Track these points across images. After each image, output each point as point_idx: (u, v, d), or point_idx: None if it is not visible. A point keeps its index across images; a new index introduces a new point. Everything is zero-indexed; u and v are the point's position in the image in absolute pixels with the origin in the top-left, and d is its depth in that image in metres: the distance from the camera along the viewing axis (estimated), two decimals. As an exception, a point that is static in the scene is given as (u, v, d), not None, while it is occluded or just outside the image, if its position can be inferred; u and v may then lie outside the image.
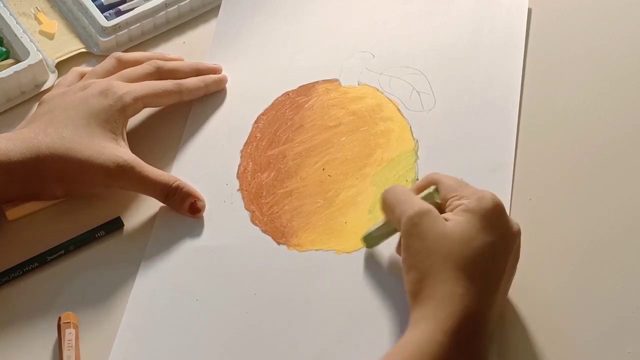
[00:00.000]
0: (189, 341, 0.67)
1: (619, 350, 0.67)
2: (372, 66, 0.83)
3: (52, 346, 0.67)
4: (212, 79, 0.80)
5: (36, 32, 0.85)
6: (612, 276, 0.70)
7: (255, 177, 0.76)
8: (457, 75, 0.82)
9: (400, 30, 0.86)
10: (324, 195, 0.75)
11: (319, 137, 0.78)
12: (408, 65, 0.83)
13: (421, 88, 0.81)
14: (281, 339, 0.67)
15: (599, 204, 0.74)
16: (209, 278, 0.70)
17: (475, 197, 0.65)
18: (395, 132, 0.78)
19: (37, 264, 0.71)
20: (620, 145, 0.78)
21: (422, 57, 0.83)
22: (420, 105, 0.80)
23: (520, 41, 0.84)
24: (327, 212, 0.74)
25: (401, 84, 0.81)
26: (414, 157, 0.77)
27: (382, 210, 0.69)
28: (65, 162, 0.70)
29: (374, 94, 0.81)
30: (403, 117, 0.79)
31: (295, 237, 0.72)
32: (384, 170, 0.76)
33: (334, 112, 0.80)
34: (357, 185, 0.75)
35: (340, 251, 0.71)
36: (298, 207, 0.74)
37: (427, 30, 0.85)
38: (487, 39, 0.84)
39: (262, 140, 0.78)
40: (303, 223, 0.73)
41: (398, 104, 0.80)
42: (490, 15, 0.86)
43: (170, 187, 0.72)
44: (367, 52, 0.84)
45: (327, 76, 0.82)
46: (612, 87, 0.82)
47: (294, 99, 0.81)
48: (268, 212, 0.74)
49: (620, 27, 0.86)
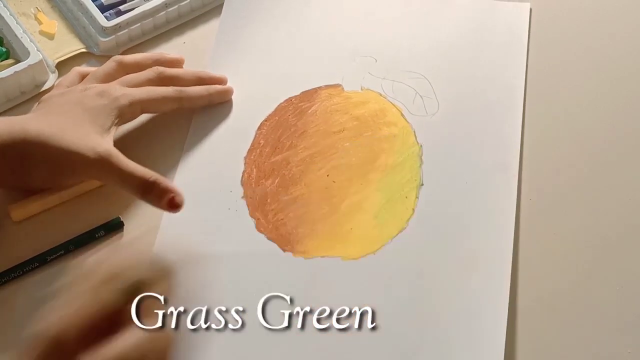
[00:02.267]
0: (199, 350, 0.67)
1: (619, 350, 0.67)
2: (375, 70, 0.82)
3: None
4: (217, 90, 0.80)
5: (36, 32, 0.85)
6: (613, 276, 0.70)
7: (259, 184, 0.76)
8: (459, 77, 0.82)
9: (401, 32, 0.85)
10: (329, 201, 0.74)
11: (323, 142, 0.78)
12: (410, 69, 0.82)
13: (424, 92, 0.81)
14: (290, 347, 0.67)
15: (599, 204, 0.75)
16: (215, 286, 0.70)
17: None
18: (399, 137, 0.78)
19: (37, 264, 0.71)
20: (621, 145, 0.78)
21: (424, 60, 0.83)
22: (424, 109, 0.80)
23: (523, 41, 0.84)
24: (333, 219, 0.73)
25: (404, 89, 0.81)
26: (419, 162, 0.76)
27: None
28: (49, 146, 0.70)
29: (377, 98, 0.81)
30: (407, 122, 0.79)
31: (301, 244, 0.72)
32: (389, 175, 0.76)
33: (337, 118, 0.79)
34: (362, 191, 0.75)
35: (347, 257, 0.71)
36: (303, 213, 0.74)
37: (428, 32, 0.85)
38: (488, 39, 0.84)
39: (266, 147, 0.78)
40: (308, 230, 0.73)
41: (402, 109, 0.80)
42: (491, 15, 0.86)
43: (148, 181, 0.71)
44: (369, 57, 0.83)
45: (329, 81, 0.82)
46: (614, 87, 0.82)
47: (297, 104, 0.81)
48: (273, 219, 0.73)
49: (622, 24, 0.86)
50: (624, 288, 0.70)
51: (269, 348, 0.67)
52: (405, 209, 0.74)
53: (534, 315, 0.68)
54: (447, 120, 0.79)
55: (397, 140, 0.78)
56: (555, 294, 0.69)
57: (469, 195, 0.74)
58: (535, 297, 0.69)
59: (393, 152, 0.77)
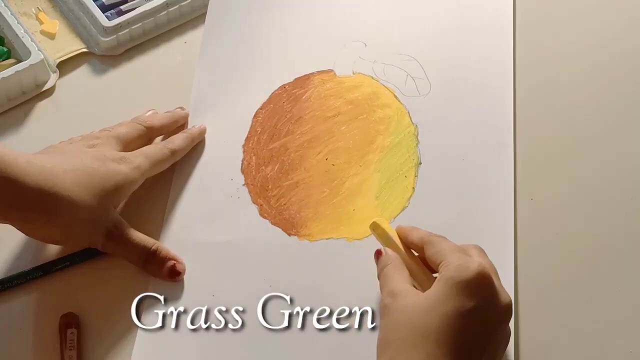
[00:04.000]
0: (208, 337, 0.67)
1: (620, 349, 0.67)
2: (365, 55, 0.83)
3: (54, 346, 0.66)
4: (196, 133, 0.77)
5: (37, 32, 0.85)
6: (613, 276, 0.71)
7: (259, 171, 0.76)
8: (449, 59, 0.83)
9: (390, 17, 0.86)
10: (329, 184, 0.75)
11: (319, 127, 0.79)
12: (400, 51, 0.83)
13: (415, 74, 0.82)
14: (299, 330, 0.68)
15: (600, 203, 0.75)
16: (223, 273, 0.70)
17: (455, 265, 0.61)
18: (394, 118, 0.79)
19: (41, 273, 0.70)
20: (622, 145, 0.78)
21: (414, 43, 0.84)
22: (416, 90, 0.81)
23: (509, 22, 0.85)
24: (335, 201, 0.74)
25: (395, 71, 0.82)
26: (415, 141, 0.77)
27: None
28: (74, 209, 0.67)
29: (370, 82, 0.81)
30: (400, 103, 0.80)
31: (305, 228, 0.73)
32: (387, 156, 0.77)
33: (331, 103, 0.80)
34: (361, 172, 0.76)
35: (351, 238, 0.72)
36: (305, 197, 0.74)
37: (417, 15, 0.86)
38: (476, 22, 0.85)
39: (263, 134, 0.78)
40: (312, 213, 0.73)
41: (394, 91, 0.81)
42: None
43: (149, 250, 0.70)
44: (359, 41, 0.84)
45: (321, 67, 0.83)
46: (613, 87, 0.82)
47: (290, 91, 0.81)
48: (276, 205, 0.74)
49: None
50: (624, 287, 0.70)
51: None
52: (405, 187, 0.75)
53: (534, 315, 0.69)
54: (439, 100, 0.80)
55: (392, 121, 0.79)
56: (556, 294, 0.70)
57: (467, 172, 0.75)
58: (536, 297, 0.69)
59: (389, 133, 0.78)
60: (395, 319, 0.60)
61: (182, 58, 0.84)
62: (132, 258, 0.70)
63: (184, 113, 0.79)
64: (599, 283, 0.70)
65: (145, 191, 0.74)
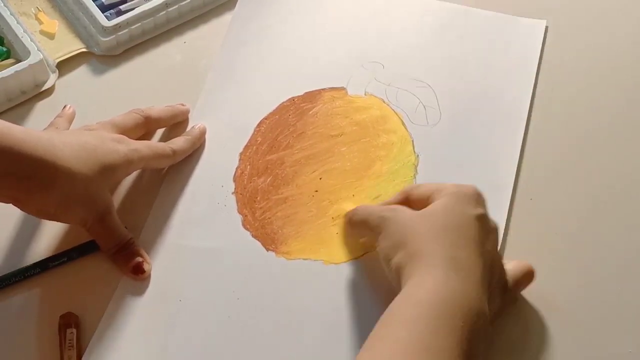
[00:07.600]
0: (169, 341, 0.67)
1: (620, 349, 0.67)
2: (381, 77, 0.82)
3: (53, 346, 0.67)
4: (197, 137, 0.77)
5: (37, 31, 0.85)
6: (613, 276, 0.71)
7: (251, 181, 0.76)
8: (465, 91, 0.81)
9: (413, 42, 0.85)
10: (317, 204, 0.74)
11: (320, 145, 0.78)
12: (417, 77, 0.82)
13: (428, 102, 0.80)
14: (261, 346, 0.67)
15: (600, 203, 0.75)
16: (194, 279, 0.70)
17: (454, 185, 0.66)
18: (396, 145, 0.77)
19: (39, 269, 0.71)
20: (622, 145, 0.79)
21: (433, 71, 0.82)
22: (425, 119, 0.79)
23: (534, 59, 0.83)
24: (320, 222, 0.73)
25: (408, 97, 0.81)
26: (413, 171, 0.76)
27: (353, 227, 0.70)
28: (74, 184, 0.67)
29: (380, 105, 0.80)
30: (407, 131, 0.78)
31: (284, 245, 0.72)
32: (383, 183, 0.75)
33: (337, 121, 0.79)
34: (352, 197, 0.74)
35: (328, 262, 0.71)
36: (291, 214, 0.74)
37: (441, 44, 0.85)
38: (500, 58, 0.83)
39: (263, 145, 0.78)
40: (294, 231, 0.73)
41: (403, 117, 0.79)
42: (507, 34, 0.85)
43: (123, 242, 0.70)
44: (378, 62, 0.83)
45: (334, 84, 0.82)
46: (613, 89, 0.82)
47: (298, 104, 0.81)
48: (260, 217, 0.74)
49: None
50: (624, 288, 0.70)
51: (241, 346, 0.67)
52: (393, 218, 0.73)
53: (534, 314, 0.68)
54: (447, 132, 0.78)
55: (395, 148, 0.77)
56: (556, 294, 0.69)
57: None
58: (536, 297, 0.69)
59: (389, 159, 0.77)
60: (404, 223, 0.64)
61: (182, 58, 0.84)
62: (106, 244, 0.70)
63: (184, 109, 0.79)
64: (599, 283, 0.70)
65: (137, 184, 0.74)
